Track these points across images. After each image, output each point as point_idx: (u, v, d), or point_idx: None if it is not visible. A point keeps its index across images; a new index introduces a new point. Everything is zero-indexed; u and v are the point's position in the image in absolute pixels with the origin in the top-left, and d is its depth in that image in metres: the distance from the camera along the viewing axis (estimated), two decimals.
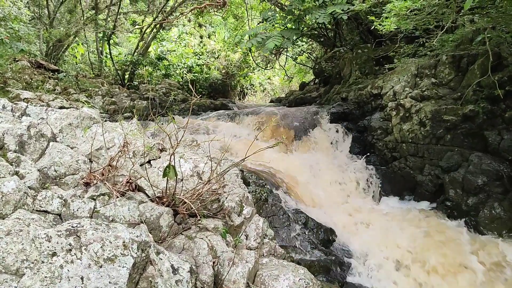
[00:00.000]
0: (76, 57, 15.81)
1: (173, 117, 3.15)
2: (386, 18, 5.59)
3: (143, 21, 17.51)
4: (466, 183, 5.94)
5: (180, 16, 16.44)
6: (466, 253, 5.12)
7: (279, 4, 12.87)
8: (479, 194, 5.79)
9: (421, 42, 6.95)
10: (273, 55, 17.90)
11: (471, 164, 6.00)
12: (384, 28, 5.74)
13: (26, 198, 2.42)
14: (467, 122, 6.33)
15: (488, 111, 6.14)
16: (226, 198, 3.30)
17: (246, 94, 22.57)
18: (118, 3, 14.78)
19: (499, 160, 5.83)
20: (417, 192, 6.78)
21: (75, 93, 10.05)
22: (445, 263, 4.93)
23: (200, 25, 21.98)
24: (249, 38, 6.99)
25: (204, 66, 19.32)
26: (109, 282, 1.86)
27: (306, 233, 5.28)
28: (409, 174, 6.98)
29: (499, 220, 5.47)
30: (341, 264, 4.97)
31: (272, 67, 20.72)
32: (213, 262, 2.60)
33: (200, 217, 2.87)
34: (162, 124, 3.80)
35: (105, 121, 3.67)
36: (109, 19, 15.24)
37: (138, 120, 4.03)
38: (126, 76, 15.34)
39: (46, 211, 2.48)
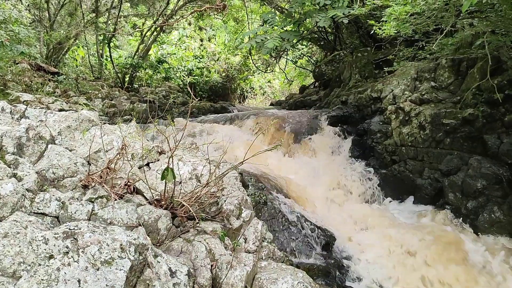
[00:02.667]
0: (76, 60, 15.84)
1: (173, 120, 3.15)
2: (386, 22, 5.59)
3: (143, 24, 17.56)
4: (466, 186, 5.93)
5: (181, 19, 16.48)
6: (467, 257, 5.11)
7: (279, 8, 12.90)
8: (478, 197, 5.79)
9: (421, 46, 6.96)
10: (273, 59, 17.93)
11: (470, 167, 5.99)
12: (384, 32, 5.74)
13: (24, 200, 2.41)
14: (467, 125, 6.33)
15: (488, 114, 6.14)
16: (225, 201, 3.29)
17: (246, 97, 22.59)
18: (119, 6, 14.81)
19: (499, 163, 5.83)
20: (416, 196, 6.76)
21: (75, 96, 10.06)
22: (444, 267, 4.92)
23: (200, 28, 22.03)
24: (249, 39, 7.00)
25: (204, 69, 19.35)
26: (106, 285, 1.85)
27: (305, 236, 5.27)
28: (409, 177, 6.97)
29: (498, 224, 5.46)
30: (340, 268, 4.96)
31: (272, 70, 20.76)
32: (211, 265, 2.59)
33: (199, 220, 2.87)
34: (162, 127, 3.80)
35: (104, 123, 3.67)
36: (109, 22, 15.27)
37: (137, 122, 4.03)
38: (126, 79, 15.35)
39: (43, 214, 2.48)
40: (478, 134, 6.22)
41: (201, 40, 21.94)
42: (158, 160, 3.50)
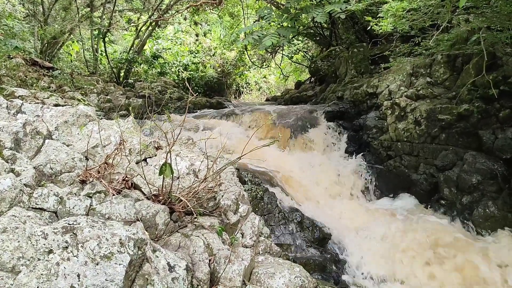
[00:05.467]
0: (71, 55, 15.72)
1: (169, 115, 3.14)
2: (383, 18, 5.60)
3: (138, 18, 17.44)
4: (461, 182, 5.98)
5: (176, 14, 16.39)
6: (461, 252, 5.15)
7: (275, 3, 12.86)
8: (473, 192, 5.83)
9: (417, 42, 6.98)
10: (269, 54, 17.90)
11: (465, 163, 6.04)
12: (381, 29, 5.75)
13: (22, 195, 2.41)
14: (462, 121, 6.37)
15: (483, 110, 6.18)
16: (222, 196, 3.30)
17: (242, 93, 22.55)
18: (114, 0, 14.71)
19: (493, 159, 5.88)
20: (412, 191, 6.81)
21: (70, 91, 10.00)
22: (441, 263, 4.97)
23: (195, 23, 21.93)
24: (245, 35, 6.99)
25: (200, 64, 19.27)
26: (106, 280, 1.86)
27: (302, 231, 5.30)
28: (404, 172, 7.01)
29: (493, 219, 5.51)
30: (336, 262, 5.00)
31: (268, 66, 20.73)
32: (209, 260, 2.60)
33: (196, 215, 2.87)
34: (158, 122, 3.80)
35: (102, 119, 3.66)
36: (104, 16, 15.16)
37: (133, 118, 4.02)
38: (122, 74, 15.28)
39: (42, 209, 2.47)
40: (473, 129, 6.26)
41: (197, 35, 21.84)
42: (155, 156, 3.50)
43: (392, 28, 5.67)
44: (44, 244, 1.92)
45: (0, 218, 2.07)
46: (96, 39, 15.00)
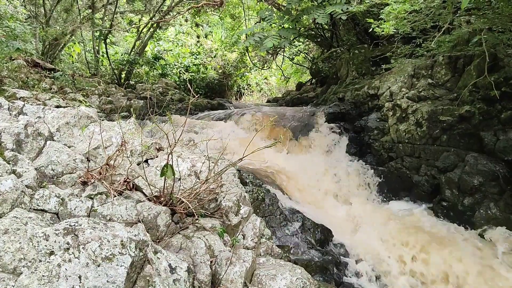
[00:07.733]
0: (72, 56, 15.73)
1: (171, 117, 3.14)
2: (384, 21, 5.60)
3: (140, 20, 17.47)
4: (462, 183, 5.96)
5: (177, 15, 16.42)
6: (463, 254, 5.14)
7: (276, 4, 12.87)
8: (475, 194, 5.82)
9: (418, 43, 6.98)
10: (270, 55, 17.90)
11: (467, 164, 6.02)
12: (383, 31, 5.75)
13: (23, 196, 2.41)
14: (463, 122, 6.35)
15: (484, 112, 6.17)
16: (224, 197, 3.30)
17: (243, 94, 22.56)
18: (115, 2, 14.72)
19: (495, 160, 5.86)
20: (413, 192, 6.80)
21: (72, 92, 10.00)
22: (441, 263, 4.96)
23: (197, 25, 21.96)
24: (246, 37, 6.99)
25: (201, 65, 19.30)
26: (107, 281, 1.86)
27: (303, 233, 5.29)
28: (406, 174, 7.00)
29: (494, 220, 5.50)
30: (338, 264, 4.98)
31: (269, 67, 20.73)
32: (211, 262, 2.59)
33: (198, 217, 2.87)
34: (160, 123, 3.80)
35: (103, 120, 3.67)
36: (105, 18, 15.18)
37: (135, 119, 4.02)
38: (123, 76, 15.30)
39: (43, 210, 2.47)
40: (474, 131, 6.25)
41: (198, 36, 21.88)
42: (156, 157, 3.50)
43: (394, 29, 5.67)
44: (46, 246, 1.92)
45: (1, 220, 2.07)
46: (98, 40, 15.01)
